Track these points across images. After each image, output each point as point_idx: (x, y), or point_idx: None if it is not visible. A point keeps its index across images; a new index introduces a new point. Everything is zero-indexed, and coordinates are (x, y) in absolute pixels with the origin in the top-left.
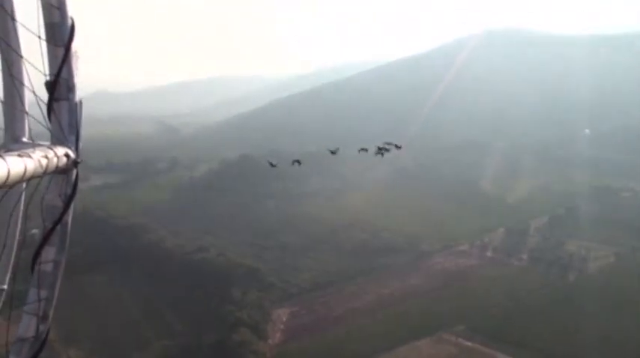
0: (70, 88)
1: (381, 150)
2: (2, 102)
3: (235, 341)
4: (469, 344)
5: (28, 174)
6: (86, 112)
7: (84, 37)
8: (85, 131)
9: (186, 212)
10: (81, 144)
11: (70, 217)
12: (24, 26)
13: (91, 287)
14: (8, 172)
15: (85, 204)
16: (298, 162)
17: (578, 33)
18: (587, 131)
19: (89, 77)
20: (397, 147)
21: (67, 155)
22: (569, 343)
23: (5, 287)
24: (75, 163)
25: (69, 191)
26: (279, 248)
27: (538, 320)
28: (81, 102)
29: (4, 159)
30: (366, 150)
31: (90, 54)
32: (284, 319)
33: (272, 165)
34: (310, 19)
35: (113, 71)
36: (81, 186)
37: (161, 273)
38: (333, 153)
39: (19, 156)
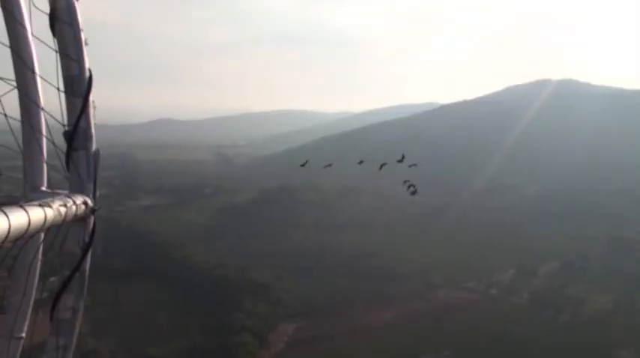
0: (88, 137)
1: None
2: (22, 152)
3: (236, 343)
4: None
5: (48, 223)
6: (146, 137)
7: (153, 67)
8: (142, 155)
9: (220, 234)
10: (98, 193)
11: (88, 265)
12: (43, 79)
13: (125, 292)
14: (29, 222)
15: (132, 221)
16: (330, 165)
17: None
18: None
19: (155, 104)
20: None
21: (85, 203)
22: None
23: (24, 335)
24: (93, 211)
25: (87, 238)
26: (298, 271)
27: (517, 352)
28: (98, 151)
29: (24, 209)
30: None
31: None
32: (289, 332)
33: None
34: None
35: (178, 99)
36: (131, 204)
37: (185, 284)
38: (359, 163)
39: (40, 205)
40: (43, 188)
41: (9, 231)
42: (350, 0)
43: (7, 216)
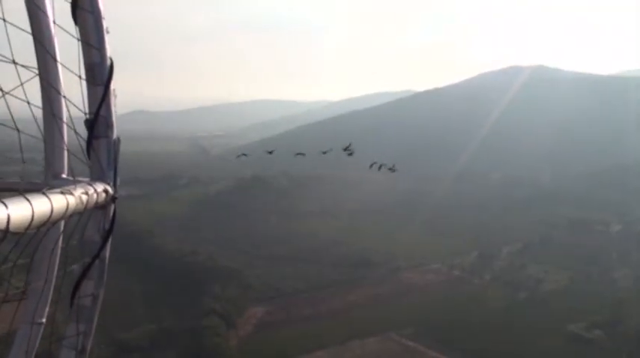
0: (109, 125)
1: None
2: (44, 140)
3: (204, 326)
4: (411, 343)
5: (70, 210)
6: (122, 129)
7: (127, 54)
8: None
9: (193, 223)
10: (119, 180)
11: (107, 252)
12: (65, 66)
13: None
14: (51, 209)
15: None
16: (302, 154)
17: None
18: None
19: (129, 95)
20: (392, 169)
21: (105, 191)
22: (501, 353)
23: (44, 320)
24: (113, 199)
25: (107, 226)
26: (268, 258)
27: (478, 329)
28: (119, 139)
29: (47, 196)
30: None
31: (132, 71)
32: (258, 316)
33: (244, 155)
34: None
35: (154, 90)
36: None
37: (157, 271)
38: (324, 153)
39: (62, 193)
40: (64, 175)
41: (32, 218)
42: None
43: (30, 203)
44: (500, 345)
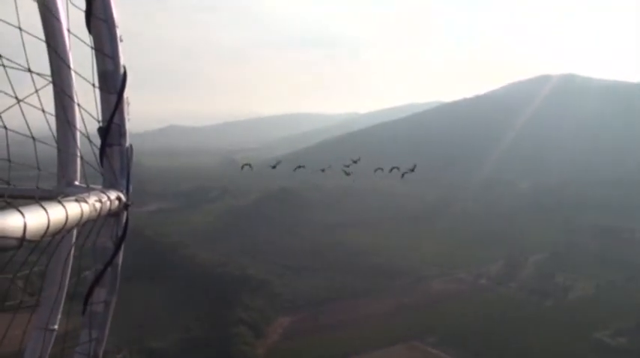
0: (122, 133)
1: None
2: (57, 148)
3: (233, 334)
4: (435, 351)
5: (84, 218)
6: (156, 144)
7: (164, 72)
8: (151, 162)
9: (224, 234)
10: (131, 188)
11: (120, 259)
12: (78, 74)
13: (131, 290)
14: (66, 217)
15: (138, 224)
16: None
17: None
18: None
19: (165, 111)
20: (411, 170)
21: (118, 198)
22: (523, 355)
23: (56, 327)
24: (126, 206)
25: (119, 233)
26: (296, 268)
27: (503, 337)
28: (132, 147)
29: (62, 204)
30: (382, 169)
31: (168, 88)
32: (285, 325)
33: (249, 165)
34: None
35: (189, 106)
36: (138, 210)
37: (187, 281)
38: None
39: (76, 200)
40: (77, 183)
41: (48, 226)
42: (351, 1)
43: (46, 211)
44: (525, 353)
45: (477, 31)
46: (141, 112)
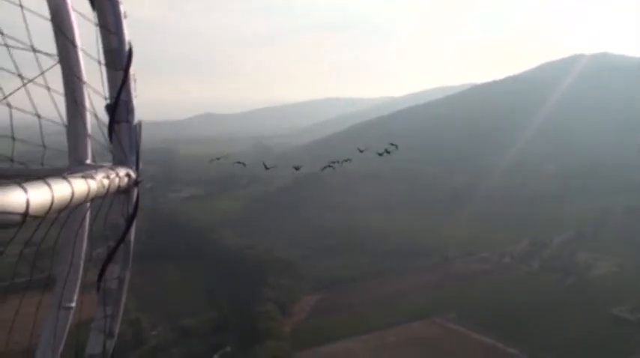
0: (130, 110)
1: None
2: (66, 126)
3: (260, 313)
4: (454, 327)
5: (91, 194)
6: (189, 132)
7: (198, 61)
8: (186, 150)
9: (252, 219)
10: (141, 165)
11: (132, 235)
12: (85, 52)
13: (164, 271)
14: (72, 193)
15: (172, 211)
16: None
17: None
18: None
19: (199, 99)
20: (393, 145)
21: (128, 175)
22: (544, 334)
23: (73, 305)
24: (136, 183)
25: (130, 210)
26: (322, 250)
27: (522, 312)
28: (140, 124)
29: (67, 180)
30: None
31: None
32: (311, 303)
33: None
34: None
35: (222, 93)
36: (172, 196)
37: (217, 263)
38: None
39: (83, 177)
40: (87, 161)
41: (52, 202)
42: None
43: (50, 187)
44: (543, 327)
45: (510, 11)
46: (173, 101)
